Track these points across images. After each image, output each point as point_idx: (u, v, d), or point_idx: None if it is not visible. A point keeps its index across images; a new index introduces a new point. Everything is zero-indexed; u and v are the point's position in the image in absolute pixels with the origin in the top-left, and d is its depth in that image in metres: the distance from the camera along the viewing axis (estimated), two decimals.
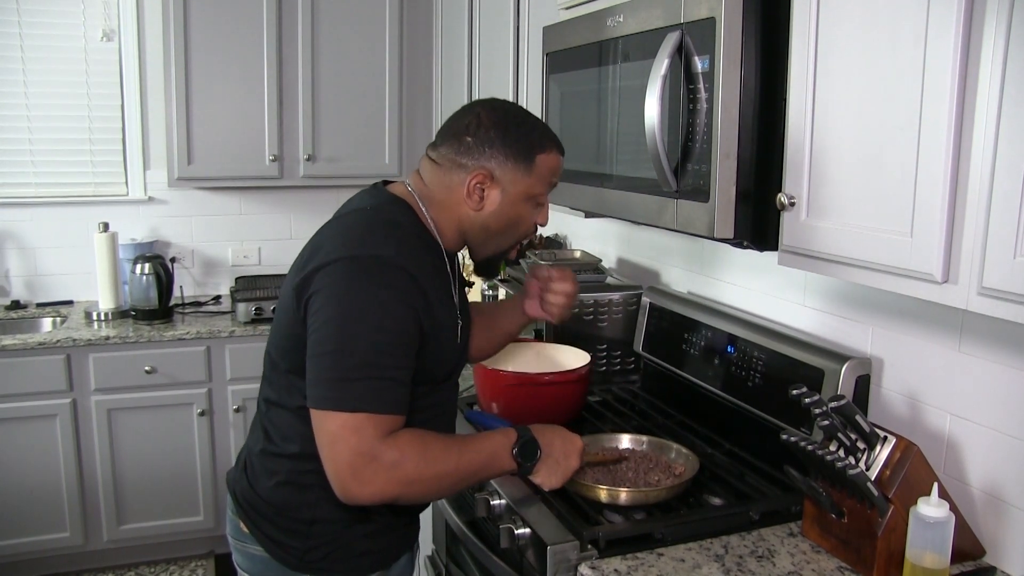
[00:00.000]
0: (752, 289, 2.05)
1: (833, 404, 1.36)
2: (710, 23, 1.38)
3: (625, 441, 1.80)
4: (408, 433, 1.29)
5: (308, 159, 3.45)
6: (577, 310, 2.30)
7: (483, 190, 1.38)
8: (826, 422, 1.36)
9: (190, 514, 3.28)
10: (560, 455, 1.48)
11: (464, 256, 1.56)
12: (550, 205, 1.51)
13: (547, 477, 1.47)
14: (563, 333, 2.29)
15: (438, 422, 1.46)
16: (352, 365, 1.25)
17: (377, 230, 1.33)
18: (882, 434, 1.39)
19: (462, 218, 1.42)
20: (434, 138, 1.46)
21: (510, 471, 1.42)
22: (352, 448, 1.23)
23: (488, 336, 1.75)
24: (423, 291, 1.32)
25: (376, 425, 1.24)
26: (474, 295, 3.33)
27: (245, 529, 1.46)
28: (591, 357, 2.06)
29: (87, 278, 3.50)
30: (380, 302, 1.26)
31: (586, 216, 2.20)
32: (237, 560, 1.52)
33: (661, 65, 1.45)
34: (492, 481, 1.69)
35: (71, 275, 3.55)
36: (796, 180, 1.33)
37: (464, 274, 1.92)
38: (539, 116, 2.12)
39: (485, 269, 1.53)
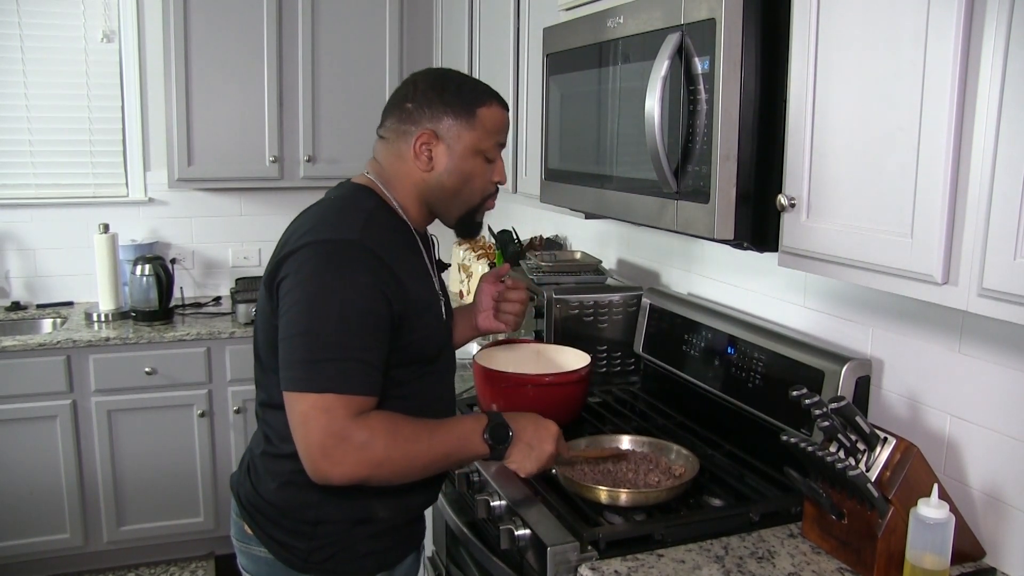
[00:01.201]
0: (752, 290, 2.05)
1: (833, 405, 1.36)
2: (710, 24, 1.38)
3: (625, 442, 1.80)
4: (379, 414, 1.30)
5: (308, 160, 3.46)
6: (577, 311, 2.31)
7: (430, 150, 1.41)
8: (826, 423, 1.36)
9: (190, 515, 3.28)
10: (533, 439, 1.46)
11: (462, 254, 1.57)
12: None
13: (521, 462, 1.46)
14: (563, 334, 2.29)
15: (436, 408, 1.47)
16: (320, 346, 1.27)
17: (342, 216, 1.38)
18: (882, 435, 1.39)
19: (418, 184, 1.44)
20: (381, 118, 1.50)
21: (483, 455, 1.41)
22: (322, 428, 1.24)
23: None
24: (392, 272, 1.34)
25: (345, 405, 1.26)
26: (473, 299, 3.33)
27: (249, 531, 1.46)
28: (591, 358, 2.06)
29: (87, 279, 3.50)
30: (346, 284, 1.29)
31: (586, 217, 2.20)
32: (242, 562, 1.52)
33: (661, 66, 1.45)
34: (492, 482, 1.69)
35: (71, 276, 3.55)
36: (796, 181, 1.33)
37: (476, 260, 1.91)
38: (539, 119, 2.13)
39: (465, 230, 1.53)
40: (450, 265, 2.11)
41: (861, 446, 1.39)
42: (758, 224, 1.44)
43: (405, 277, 1.36)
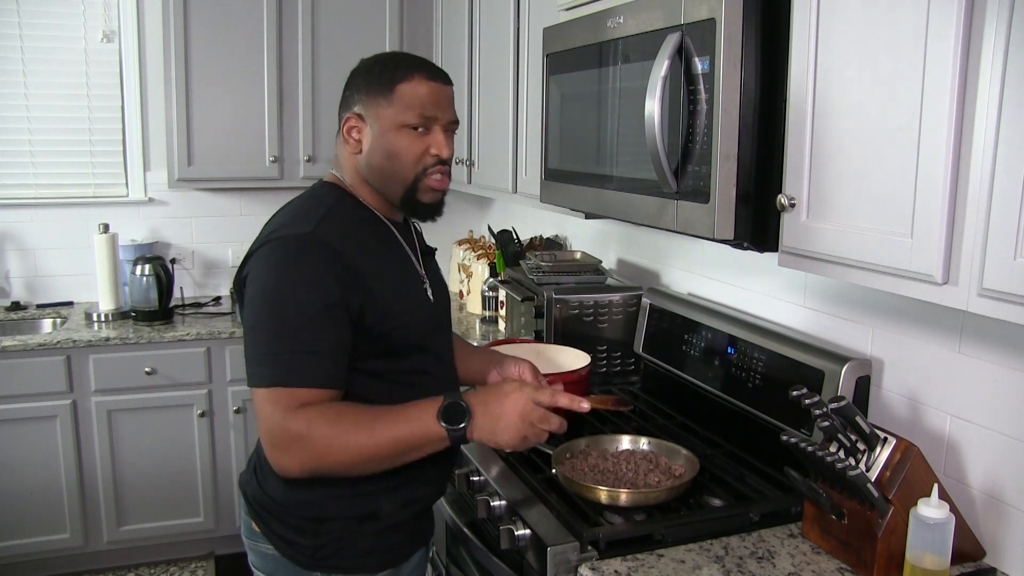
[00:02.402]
0: (752, 290, 2.05)
1: (833, 405, 1.36)
2: (710, 24, 1.38)
3: (625, 442, 1.80)
4: (322, 405, 1.30)
5: (308, 160, 3.46)
6: (577, 311, 2.31)
7: (357, 132, 1.44)
8: (826, 423, 1.36)
9: (190, 515, 3.28)
10: (496, 409, 1.33)
11: (465, 254, 1.57)
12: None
13: (494, 435, 1.33)
14: (563, 334, 2.29)
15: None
16: (270, 340, 1.30)
17: (300, 212, 1.42)
18: (882, 435, 1.39)
19: (356, 167, 1.47)
20: None
21: (440, 438, 1.31)
22: (267, 421, 1.28)
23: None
24: (348, 263, 1.35)
25: (289, 397, 1.28)
26: (474, 296, 3.33)
27: (257, 529, 1.47)
28: (591, 358, 2.06)
29: (87, 279, 3.50)
30: (298, 277, 1.32)
31: (586, 217, 2.21)
32: (252, 560, 1.53)
33: (661, 66, 1.45)
34: (492, 482, 1.69)
35: (71, 276, 3.55)
36: (796, 181, 1.33)
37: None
38: (539, 119, 2.13)
39: (413, 210, 1.49)
40: (436, 249, 2.07)
41: (861, 446, 1.39)
42: (758, 224, 1.44)
43: (367, 268, 1.38)
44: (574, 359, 2.08)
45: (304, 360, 1.29)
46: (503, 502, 1.62)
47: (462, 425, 1.32)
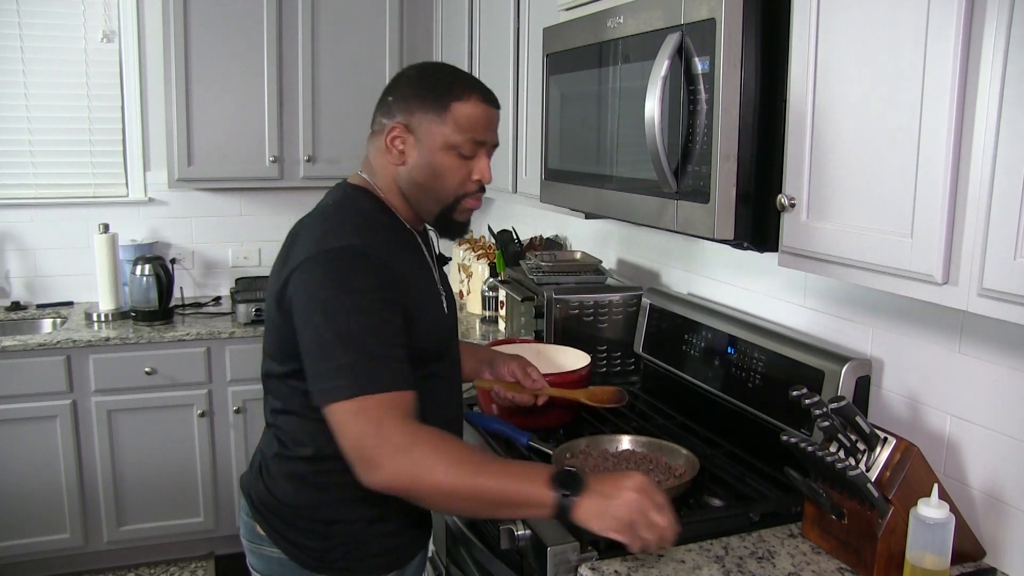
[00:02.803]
0: (752, 290, 2.05)
1: (833, 405, 1.36)
2: (710, 24, 1.38)
3: (625, 442, 1.80)
4: (427, 428, 1.25)
5: (308, 160, 3.46)
6: (577, 311, 2.31)
7: (402, 143, 1.40)
8: (826, 423, 1.36)
9: (190, 515, 3.28)
10: (610, 488, 1.22)
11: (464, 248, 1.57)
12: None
13: (599, 516, 1.20)
14: (563, 334, 2.29)
15: (444, 414, 1.47)
16: (342, 353, 1.25)
17: (342, 223, 1.37)
18: (882, 435, 1.38)
19: (395, 178, 1.43)
20: None
21: (543, 503, 1.20)
22: (356, 433, 1.22)
23: None
24: (397, 273, 1.33)
25: (372, 407, 1.22)
26: (474, 296, 3.33)
27: (261, 532, 1.45)
28: (591, 358, 2.06)
29: (87, 279, 3.50)
30: (355, 290, 1.28)
31: (586, 217, 2.20)
32: (252, 562, 1.52)
33: (661, 66, 1.45)
34: None
35: (71, 276, 3.55)
36: (796, 181, 1.33)
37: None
38: (539, 118, 2.13)
39: (444, 228, 1.49)
40: (451, 259, 2.08)
41: (861, 446, 1.39)
42: (758, 224, 1.44)
43: (410, 278, 1.37)
44: (574, 359, 2.08)
45: (382, 366, 1.25)
46: None
47: (572, 493, 1.20)
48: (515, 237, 3.10)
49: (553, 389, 1.81)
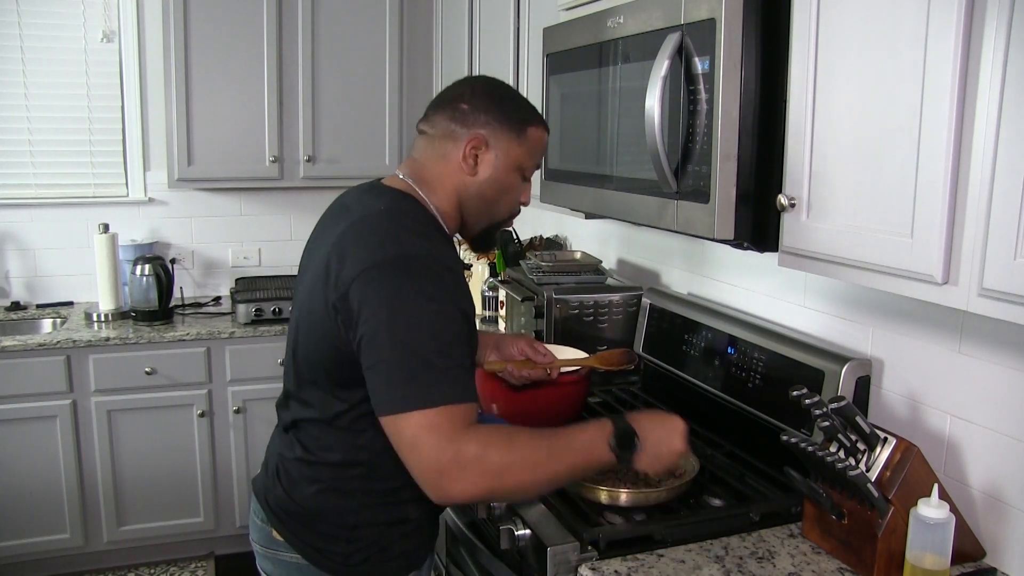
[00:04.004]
0: (752, 290, 2.05)
1: (833, 405, 1.36)
2: (710, 24, 1.38)
3: None
4: (491, 426, 1.26)
5: (308, 160, 3.46)
6: (577, 311, 2.31)
7: (477, 155, 1.39)
8: (826, 423, 1.36)
9: (190, 515, 3.28)
10: (662, 441, 1.39)
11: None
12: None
13: (651, 465, 1.38)
14: (563, 334, 2.29)
15: None
16: (415, 364, 1.22)
17: (402, 231, 1.32)
18: (882, 435, 1.38)
19: (459, 187, 1.41)
20: (424, 113, 1.47)
21: (608, 464, 1.34)
22: (433, 447, 1.19)
23: None
24: (460, 280, 1.34)
25: (451, 418, 1.21)
26: (474, 296, 3.33)
27: (278, 537, 1.44)
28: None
29: (87, 279, 3.50)
30: (427, 298, 1.25)
31: (586, 217, 2.20)
32: (264, 567, 1.50)
33: (661, 66, 1.45)
34: None
35: (71, 276, 3.55)
36: (796, 181, 1.33)
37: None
38: None
39: (481, 243, 1.53)
40: (471, 266, 2.06)
41: (861, 446, 1.39)
42: (758, 224, 1.44)
43: (465, 286, 1.35)
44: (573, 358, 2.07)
45: (456, 377, 1.23)
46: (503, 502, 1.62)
47: (630, 452, 1.34)
48: (515, 237, 3.10)
49: (564, 360, 1.84)
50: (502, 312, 2.98)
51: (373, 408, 1.26)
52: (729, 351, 1.91)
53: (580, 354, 2.08)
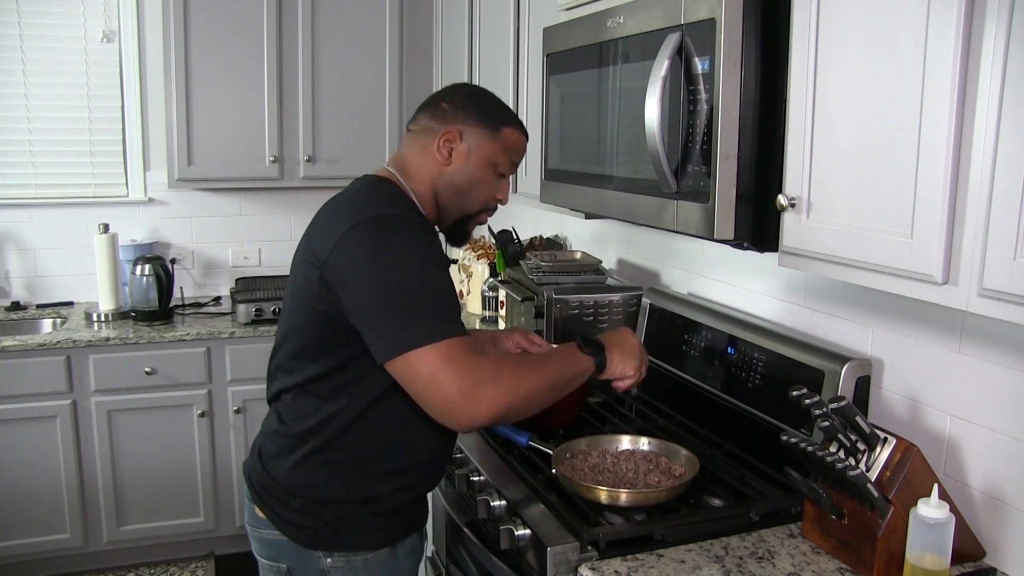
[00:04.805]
0: (752, 290, 2.05)
1: (833, 405, 1.36)
2: (710, 24, 1.38)
3: (625, 442, 1.80)
4: (488, 356, 1.41)
5: (308, 160, 3.46)
6: (577, 311, 2.31)
7: (452, 147, 1.49)
8: (826, 423, 1.36)
9: (190, 515, 3.28)
10: (619, 340, 1.58)
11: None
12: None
13: (623, 363, 1.56)
14: (563, 334, 2.29)
15: None
16: (413, 304, 1.30)
17: (377, 198, 1.43)
18: (882, 435, 1.39)
19: (434, 176, 1.51)
20: (413, 115, 1.58)
21: (588, 368, 1.50)
22: (454, 373, 1.27)
23: None
24: (435, 241, 1.41)
25: (462, 347, 1.30)
26: (474, 296, 3.33)
27: (261, 514, 1.51)
28: None
29: (87, 279, 3.50)
30: (409, 249, 1.34)
31: (586, 217, 2.20)
32: (255, 548, 1.57)
33: (661, 66, 1.45)
34: (492, 482, 1.69)
35: (71, 276, 3.55)
36: (796, 181, 1.33)
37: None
38: (539, 119, 2.14)
39: (455, 234, 1.61)
40: (456, 260, 2.08)
41: (861, 446, 1.39)
42: (758, 224, 1.44)
43: (440, 247, 1.42)
44: None
45: (455, 313, 1.35)
46: (503, 502, 1.62)
47: (601, 352, 1.53)
48: (515, 237, 3.10)
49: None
50: (502, 312, 2.98)
51: (375, 357, 1.33)
52: (729, 351, 1.91)
53: None
